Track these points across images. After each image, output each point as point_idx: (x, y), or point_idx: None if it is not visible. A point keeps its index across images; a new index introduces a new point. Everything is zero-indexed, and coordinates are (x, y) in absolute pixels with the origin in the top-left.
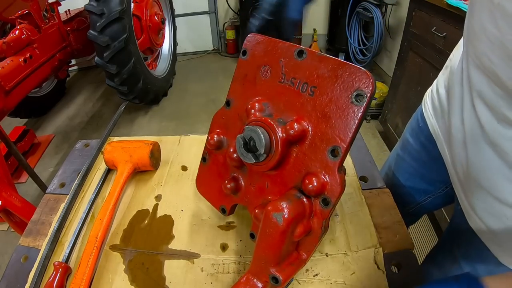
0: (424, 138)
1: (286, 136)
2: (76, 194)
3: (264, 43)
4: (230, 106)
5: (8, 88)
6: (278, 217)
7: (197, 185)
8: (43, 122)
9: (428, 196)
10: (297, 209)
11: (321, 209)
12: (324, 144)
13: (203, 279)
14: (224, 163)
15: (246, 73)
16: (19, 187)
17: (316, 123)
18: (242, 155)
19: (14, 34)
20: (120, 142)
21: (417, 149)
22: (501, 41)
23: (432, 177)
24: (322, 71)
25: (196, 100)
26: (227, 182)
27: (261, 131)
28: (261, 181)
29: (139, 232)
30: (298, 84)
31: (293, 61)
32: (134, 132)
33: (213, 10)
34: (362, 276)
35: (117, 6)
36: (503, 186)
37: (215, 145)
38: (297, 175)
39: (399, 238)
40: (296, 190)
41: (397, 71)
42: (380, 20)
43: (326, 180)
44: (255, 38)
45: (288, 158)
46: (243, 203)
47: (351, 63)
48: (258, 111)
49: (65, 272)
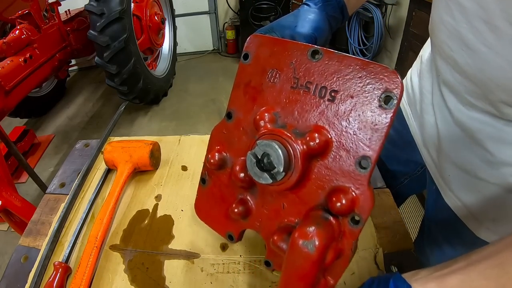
0: (397, 123)
1: (307, 149)
2: (76, 194)
3: (270, 44)
4: (232, 118)
5: (8, 88)
6: (309, 246)
7: (196, 211)
8: (43, 122)
9: (405, 178)
10: (328, 233)
11: (351, 228)
12: (351, 156)
13: (203, 279)
14: (228, 185)
15: (250, 79)
16: (19, 187)
17: (339, 132)
18: (255, 175)
19: (14, 34)
20: (120, 142)
21: (391, 134)
22: (457, 29)
23: (407, 159)
24: (343, 72)
25: (196, 100)
26: (234, 206)
27: (277, 146)
28: (276, 202)
29: (139, 232)
30: (314, 89)
31: (306, 63)
32: (134, 132)
33: (213, 10)
34: (362, 276)
35: (117, 6)
36: (472, 160)
37: (216, 164)
38: (319, 192)
39: (399, 238)
40: (322, 210)
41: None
42: (380, 20)
43: (355, 196)
44: (259, 39)
45: (309, 174)
46: (255, 228)
47: (376, 62)
48: (269, 122)
49: (65, 272)
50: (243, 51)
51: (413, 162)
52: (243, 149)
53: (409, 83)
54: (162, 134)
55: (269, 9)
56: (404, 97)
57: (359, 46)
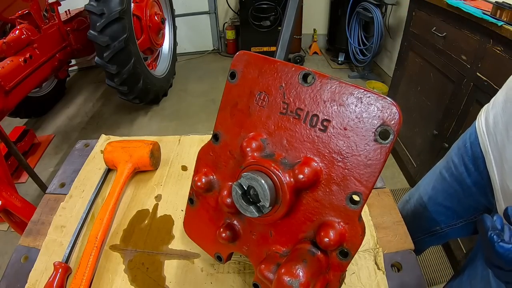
0: (468, 158)
1: (295, 182)
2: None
3: (258, 63)
4: (219, 141)
5: (8, 88)
6: (295, 284)
7: (185, 229)
8: (43, 122)
9: (460, 221)
10: (313, 269)
11: (339, 261)
12: (341, 191)
13: (203, 279)
14: (216, 208)
15: (237, 101)
16: (19, 187)
17: (330, 165)
18: (241, 207)
19: (14, 34)
20: (120, 142)
21: (460, 171)
22: None
23: (469, 203)
24: (337, 100)
25: (196, 100)
26: (222, 231)
27: (264, 180)
28: (263, 229)
29: (139, 232)
30: (305, 116)
31: (297, 87)
32: (134, 132)
33: (213, 10)
34: (362, 276)
35: (117, 6)
36: None
37: (203, 187)
38: (308, 224)
39: (399, 238)
40: (309, 244)
41: (397, 71)
42: (380, 20)
43: (344, 231)
44: (246, 57)
45: (298, 206)
46: (243, 253)
47: (374, 91)
48: (256, 151)
49: (65, 272)
50: (230, 68)
51: (473, 207)
52: (230, 174)
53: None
54: (162, 134)
55: (269, 9)
56: (483, 127)
57: (359, 46)
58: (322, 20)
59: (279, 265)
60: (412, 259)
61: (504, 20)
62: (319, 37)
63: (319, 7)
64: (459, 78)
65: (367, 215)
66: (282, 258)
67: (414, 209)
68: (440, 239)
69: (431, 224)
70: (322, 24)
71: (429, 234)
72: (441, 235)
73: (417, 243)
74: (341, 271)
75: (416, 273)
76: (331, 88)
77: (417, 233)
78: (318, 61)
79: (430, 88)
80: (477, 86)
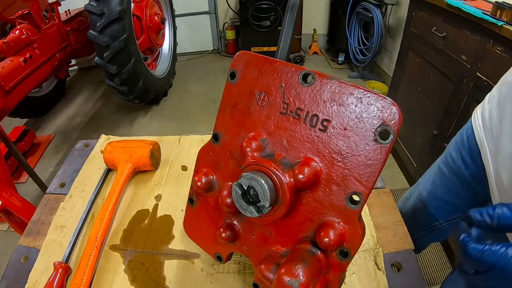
0: (465, 152)
1: (295, 182)
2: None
3: (258, 63)
4: (219, 141)
5: (8, 88)
6: (295, 284)
7: (185, 229)
8: (43, 122)
9: (459, 215)
10: (313, 269)
11: (339, 261)
12: (341, 191)
13: (203, 279)
14: (216, 208)
15: (237, 101)
16: (19, 187)
17: (330, 165)
18: (241, 207)
19: (14, 34)
20: (120, 142)
21: (458, 164)
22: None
23: (467, 195)
24: (337, 100)
25: (196, 100)
26: (222, 231)
27: (264, 180)
28: (263, 229)
29: (139, 232)
30: (305, 116)
31: (297, 87)
32: (134, 132)
33: (213, 10)
34: (362, 276)
35: (117, 6)
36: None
37: (203, 187)
38: (308, 224)
39: (399, 238)
40: (309, 244)
41: (397, 71)
42: (380, 20)
43: (344, 231)
44: (246, 57)
45: (297, 206)
46: (243, 253)
47: (373, 91)
48: (256, 151)
49: (65, 272)
50: (230, 68)
51: (471, 199)
52: (230, 174)
53: (486, 107)
54: (162, 134)
55: (269, 9)
56: (479, 121)
57: (359, 46)
58: (322, 20)
59: (279, 265)
60: (412, 259)
61: (504, 20)
62: (319, 37)
63: (319, 7)
64: (459, 78)
65: (367, 215)
66: (282, 258)
67: (414, 205)
68: (440, 235)
69: (431, 219)
70: (322, 24)
71: (429, 230)
72: (441, 231)
73: (417, 240)
74: (341, 271)
75: (416, 273)
76: (331, 88)
77: (417, 229)
78: (318, 61)
79: (430, 88)
80: (477, 86)
